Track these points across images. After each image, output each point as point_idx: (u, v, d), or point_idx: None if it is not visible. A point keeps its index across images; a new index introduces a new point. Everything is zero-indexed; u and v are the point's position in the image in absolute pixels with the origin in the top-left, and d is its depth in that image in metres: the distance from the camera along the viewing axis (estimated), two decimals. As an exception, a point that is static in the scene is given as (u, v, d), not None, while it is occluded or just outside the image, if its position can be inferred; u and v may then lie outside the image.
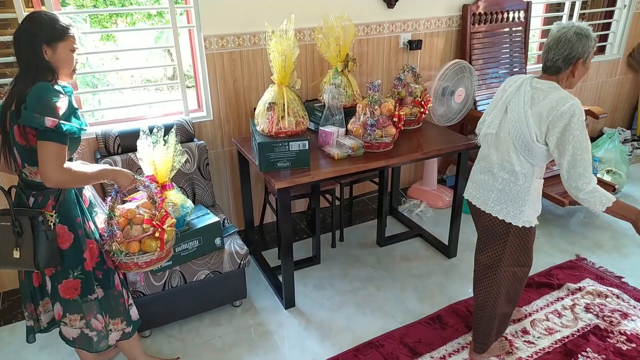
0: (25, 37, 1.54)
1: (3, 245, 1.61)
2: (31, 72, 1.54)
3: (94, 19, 4.52)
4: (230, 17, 2.72)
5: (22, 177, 1.65)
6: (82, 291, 1.74)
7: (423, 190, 3.65)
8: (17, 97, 1.53)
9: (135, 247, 1.75)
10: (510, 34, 3.67)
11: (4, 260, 1.63)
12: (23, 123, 1.49)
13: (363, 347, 2.24)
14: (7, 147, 1.61)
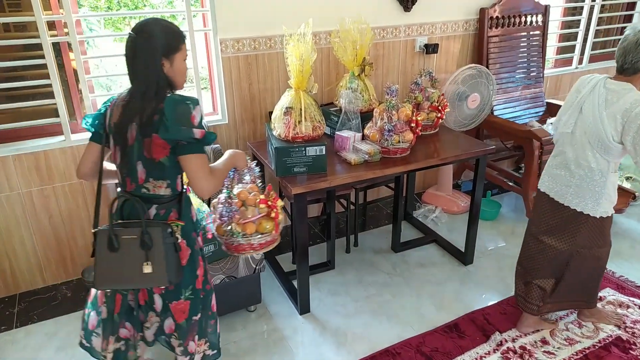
0: (143, 52, 1.46)
1: (130, 261, 1.49)
2: (152, 88, 1.46)
3: (107, 21, 4.55)
4: (247, 21, 2.72)
5: (141, 192, 1.55)
6: (189, 314, 1.66)
7: (438, 195, 3.61)
8: (141, 113, 1.46)
9: (252, 229, 1.75)
10: (527, 38, 3.63)
11: (132, 277, 1.50)
12: (171, 138, 1.44)
13: (379, 355, 2.21)
14: (126, 163, 1.53)
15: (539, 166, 3.23)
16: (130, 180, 1.55)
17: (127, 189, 1.57)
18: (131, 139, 1.50)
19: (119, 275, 1.52)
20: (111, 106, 1.56)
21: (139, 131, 1.47)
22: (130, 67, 1.49)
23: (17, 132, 2.52)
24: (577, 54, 4.14)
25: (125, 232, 1.49)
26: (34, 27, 2.37)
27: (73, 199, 2.64)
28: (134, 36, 1.46)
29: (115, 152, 1.56)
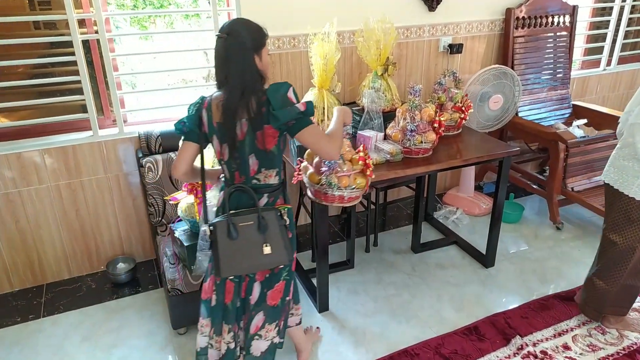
0: (236, 52, 1.53)
1: (251, 244, 1.60)
2: (250, 84, 1.54)
3: (133, 19, 4.63)
4: (271, 20, 2.73)
5: (252, 183, 1.66)
6: (283, 294, 1.79)
7: (459, 196, 3.58)
8: (248, 110, 1.54)
9: (346, 182, 1.92)
10: (554, 39, 3.57)
11: (254, 260, 1.62)
12: (283, 122, 1.54)
13: (397, 356, 2.21)
14: (236, 158, 1.62)
15: (564, 169, 3.18)
16: (240, 174, 1.65)
17: (234, 182, 1.67)
18: (241, 135, 1.58)
19: (241, 261, 1.61)
20: (205, 107, 1.63)
21: (250, 126, 1.56)
22: (223, 67, 1.56)
23: (46, 127, 2.59)
24: (605, 55, 4.05)
25: (241, 220, 1.60)
26: (62, 24, 2.44)
27: (100, 193, 2.71)
28: (225, 38, 1.53)
29: (221, 149, 1.64)
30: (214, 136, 1.65)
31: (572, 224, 3.35)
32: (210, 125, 1.63)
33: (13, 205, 2.55)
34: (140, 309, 2.56)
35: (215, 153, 1.69)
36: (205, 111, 1.63)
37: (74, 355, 2.26)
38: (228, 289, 1.74)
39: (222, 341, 1.81)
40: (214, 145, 1.67)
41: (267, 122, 1.56)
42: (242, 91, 1.54)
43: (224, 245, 1.59)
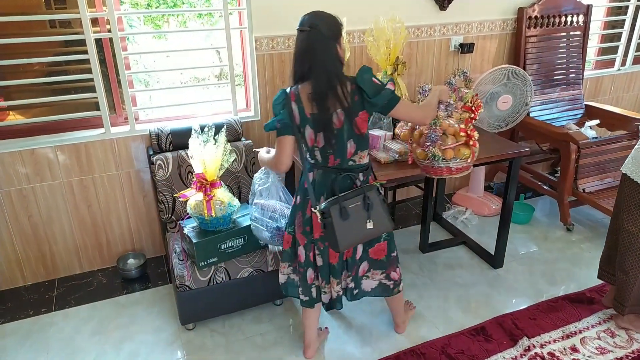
0: (320, 43, 1.65)
1: (357, 221, 1.80)
2: (335, 73, 1.68)
3: (147, 17, 4.68)
4: (282, 19, 2.75)
5: (348, 165, 1.83)
6: (387, 251, 2.05)
7: (469, 197, 3.57)
8: (341, 101, 1.68)
9: (451, 154, 2.05)
10: (567, 38, 3.53)
11: (362, 233, 1.83)
12: (380, 104, 1.73)
13: (404, 355, 2.21)
14: (334, 144, 1.76)
15: (575, 170, 3.15)
16: (335, 157, 1.80)
17: (328, 164, 1.81)
18: (339, 123, 1.72)
19: (352, 236, 1.81)
20: (294, 100, 1.72)
21: (346, 115, 1.71)
22: (306, 59, 1.66)
23: (59, 124, 2.64)
24: (620, 55, 4.00)
25: (350, 203, 1.78)
26: (77, 23, 2.48)
27: (111, 189, 2.74)
28: (307, 31, 1.64)
29: (316, 137, 1.76)
30: (307, 126, 1.75)
31: (583, 226, 3.31)
32: (303, 117, 1.74)
33: (26, 201, 2.60)
34: (149, 305, 2.59)
35: (308, 141, 1.79)
36: (294, 103, 1.73)
37: (84, 348, 2.30)
38: (332, 253, 1.95)
39: (333, 289, 2.06)
40: (307, 134, 1.78)
41: (362, 109, 1.72)
42: (328, 80, 1.66)
43: (339, 226, 1.77)
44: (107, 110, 2.61)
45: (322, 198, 1.86)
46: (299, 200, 1.94)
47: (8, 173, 2.51)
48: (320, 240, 1.93)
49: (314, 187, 1.87)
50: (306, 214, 1.92)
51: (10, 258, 2.68)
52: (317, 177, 1.86)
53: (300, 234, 1.98)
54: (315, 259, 2.00)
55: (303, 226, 1.95)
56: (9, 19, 2.36)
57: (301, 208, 1.93)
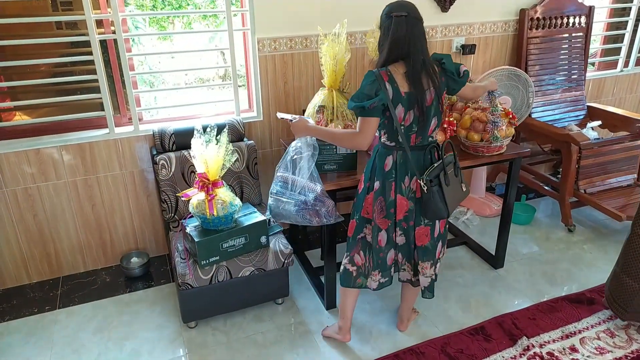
0: (417, 28, 1.78)
1: (456, 186, 1.97)
2: (427, 55, 1.83)
3: (152, 19, 4.72)
4: (284, 21, 2.77)
5: (428, 141, 1.93)
6: (430, 237, 2.07)
7: (470, 197, 3.57)
8: (433, 80, 1.82)
9: (503, 134, 2.40)
10: (569, 40, 3.54)
11: (459, 197, 1.99)
12: (462, 83, 1.95)
13: (403, 354, 2.23)
14: (421, 120, 1.85)
15: (577, 171, 3.15)
16: (417, 136, 1.89)
17: (410, 143, 1.90)
18: (429, 100, 1.84)
19: (453, 201, 1.94)
20: (387, 80, 1.78)
21: (435, 93, 1.84)
22: (406, 42, 1.77)
23: (64, 124, 2.67)
24: (622, 56, 4.00)
25: (448, 169, 1.93)
26: (82, 25, 2.51)
27: (115, 189, 2.78)
28: (405, 16, 1.76)
29: (406, 115, 1.83)
30: (400, 104, 1.81)
31: (584, 227, 3.32)
32: (398, 95, 1.80)
33: (32, 200, 2.63)
34: (152, 303, 2.62)
35: (397, 119, 1.83)
36: (388, 84, 1.79)
37: (87, 346, 2.33)
38: (423, 233, 2.04)
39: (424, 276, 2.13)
40: (396, 113, 1.82)
41: (445, 88, 1.90)
42: (424, 60, 1.79)
43: (446, 192, 1.89)
44: (111, 110, 2.64)
45: (406, 178, 1.94)
46: (378, 186, 1.97)
47: (14, 172, 2.55)
48: (404, 220, 2.00)
49: (395, 168, 1.93)
50: (389, 197, 1.97)
51: (15, 256, 2.72)
52: (398, 159, 1.92)
53: (383, 219, 2.01)
54: (397, 239, 2.06)
55: (387, 209, 1.99)
56: (15, 21, 2.40)
57: (381, 193, 1.98)
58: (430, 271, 2.11)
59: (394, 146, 1.92)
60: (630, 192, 3.25)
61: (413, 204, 1.97)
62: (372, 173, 2.00)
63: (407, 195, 1.96)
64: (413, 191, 1.95)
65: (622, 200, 3.13)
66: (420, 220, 2.01)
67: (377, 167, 1.97)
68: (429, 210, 1.92)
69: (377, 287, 2.17)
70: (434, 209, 1.90)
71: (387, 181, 1.96)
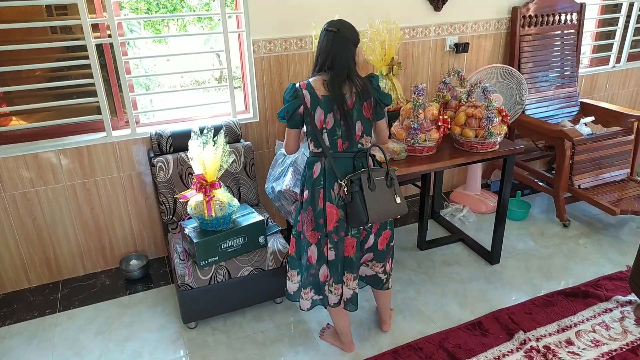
0: (345, 44, 1.86)
1: (385, 196, 1.91)
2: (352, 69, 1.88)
3: (147, 23, 4.73)
4: (278, 22, 2.80)
5: (358, 147, 1.94)
6: (389, 240, 2.12)
7: (466, 194, 3.61)
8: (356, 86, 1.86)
9: (497, 131, 2.46)
10: (561, 37, 3.57)
11: (389, 208, 1.92)
12: (384, 101, 1.94)
13: (402, 350, 2.25)
14: (343, 125, 1.88)
15: (570, 167, 3.19)
16: (343, 141, 1.90)
17: (337, 149, 1.91)
18: (350, 104, 1.87)
19: (380, 209, 1.89)
20: (305, 88, 1.86)
21: (357, 97, 1.87)
22: (331, 54, 1.85)
23: (62, 128, 2.69)
24: (614, 52, 4.04)
25: (376, 175, 1.90)
26: (78, 29, 2.53)
27: (113, 192, 2.79)
28: (334, 32, 1.85)
29: (325, 118, 1.87)
30: (318, 107, 1.86)
31: (579, 221, 3.35)
32: (314, 99, 1.86)
33: (30, 204, 2.65)
34: (152, 305, 2.64)
35: (317, 123, 1.88)
36: (305, 91, 1.86)
37: (88, 348, 2.35)
38: (349, 244, 2.02)
39: (347, 287, 2.11)
40: (316, 117, 1.87)
41: (370, 97, 1.89)
42: (348, 74, 1.86)
43: (368, 195, 1.86)
44: (108, 114, 2.66)
45: (335, 185, 1.93)
46: (308, 195, 1.98)
47: (12, 177, 2.57)
48: (335, 232, 1.97)
49: (324, 175, 1.93)
50: (318, 206, 1.96)
51: (15, 261, 2.73)
52: (326, 165, 1.93)
53: (312, 231, 2.00)
54: (328, 253, 2.03)
55: (315, 220, 1.98)
56: (11, 26, 2.41)
57: (311, 202, 1.97)
58: (353, 284, 2.09)
59: (321, 152, 1.93)
60: (624, 186, 3.28)
61: (343, 212, 1.95)
62: (303, 184, 2.02)
63: (336, 202, 1.94)
64: (342, 198, 1.93)
65: (616, 195, 3.16)
66: (348, 230, 1.99)
67: (307, 176, 1.98)
68: (349, 213, 1.91)
69: (309, 306, 2.18)
70: (353, 213, 1.89)
71: (316, 189, 1.95)
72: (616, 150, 3.30)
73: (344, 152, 1.92)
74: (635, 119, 3.34)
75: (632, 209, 2.99)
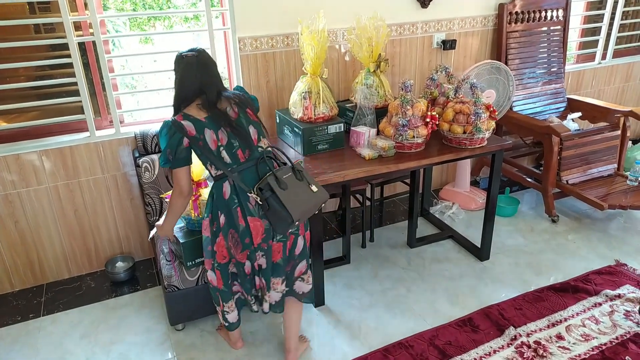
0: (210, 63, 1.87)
1: (300, 190, 1.85)
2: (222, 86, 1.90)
3: (133, 22, 4.68)
4: (264, 19, 2.77)
5: (259, 151, 1.89)
6: (305, 242, 2.07)
7: (455, 191, 3.60)
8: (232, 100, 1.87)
9: (485, 126, 2.45)
10: (548, 33, 3.59)
11: (310, 200, 1.86)
12: (256, 106, 1.98)
13: (392, 348, 2.23)
14: (236, 134, 1.83)
15: (558, 162, 3.20)
16: (243, 150, 1.85)
17: (240, 161, 1.85)
18: (234, 115, 1.85)
19: (301, 205, 1.82)
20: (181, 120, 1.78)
21: (239, 107, 1.87)
22: (199, 76, 1.81)
23: (44, 128, 2.63)
24: (600, 49, 4.06)
25: (282, 174, 1.84)
26: (61, 28, 2.48)
27: (97, 193, 2.74)
28: (195, 56, 1.82)
29: (218, 135, 1.80)
30: (205, 129, 1.78)
31: (567, 217, 3.36)
32: (198, 124, 1.78)
33: (12, 207, 2.59)
34: (138, 307, 2.59)
35: (211, 145, 1.80)
36: (184, 122, 1.78)
37: (73, 352, 2.30)
38: (276, 249, 1.95)
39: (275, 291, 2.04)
40: (208, 139, 1.79)
41: (249, 103, 1.90)
42: (218, 91, 1.84)
43: (283, 195, 1.78)
44: (91, 113, 2.61)
45: (250, 197, 1.83)
46: (224, 219, 1.87)
47: (-7, 179, 2.51)
48: (263, 241, 1.90)
49: (236, 193, 1.84)
50: (240, 225, 1.86)
51: (-3, 264, 2.68)
52: (235, 181, 1.83)
53: (241, 253, 1.92)
54: (260, 261, 1.95)
55: (241, 241, 1.89)
56: (-10, 25, 2.36)
57: (231, 225, 1.87)
58: (281, 287, 2.03)
59: (223, 173, 1.84)
60: (611, 181, 3.30)
61: (268, 221, 1.86)
62: (213, 210, 1.90)
63: (258, 214, 1.85)
64: (261, 208, 1.84)
65: (604, 190, 3.18)
66: (274, 236, 1.92)
67: (217, 199, 1.88)
68: (273, 221, 1.83)
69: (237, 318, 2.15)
70: (276, 218, 1.80)
71: (232, 209, 1.85)
72: (603, 146, 3.31)
73: (246, 161, 1.85)
74: (621, 114, 3.37)
75: (619, 203, 3.00)
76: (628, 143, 3.53)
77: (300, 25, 2.48)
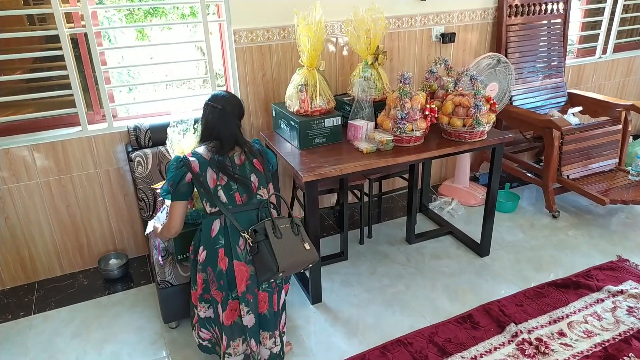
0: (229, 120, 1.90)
1: (294, 243, 1.83)
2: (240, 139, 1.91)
3: (129, 18, 4.61)
4: (260, 11, 2.71)
5: (257, 198, 1.89)
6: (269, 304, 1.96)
7: (455, 187, 3.56)
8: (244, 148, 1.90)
9: (485, 119, 2.42)
10: (548, 27, 3.54)
11: (300, 256, 1.83)
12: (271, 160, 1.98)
13: (391, 345, 2.19)
14: (237, 179, 1.85)
15: (559, 157, 3.15)
16: (240, 194, 1.85)
17: (236, 204, 1.84)
18: (240, 161, 1.88)
19: (290, 257, 1.79)
20: (190, 157, 1.83)
21: (247, 157, 1.89)
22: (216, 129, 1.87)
23: (36, 122, 2.58)
24: (600, 43, 4.01)
25: (281, 223, 1.83)
26: (53, 19, 2.42)
27: (90, 188, 2.69)
28: (220, 109, 1.88)
29: (219, 176, 1.83)
30: (208, 168, 1.82)
31: (568, 212, 3.31)
32: (203, 162, 1.82)
33: (2, 202, 2.53)
34: (132, 305, 2.54)
35: (210, 183, 1.82)
36: (192, 158, 1.83)
37: (64, 351, 2.25)
38: (262, 299, 1.90)
39: (264, 347, 1.99)
40: (208, 177, 1.82)
41: (258, 155, 1.92)
42: (236, 141, 1.89)
43: (275, 243, 1.77)
44: (84, 107, 2.56)
45: (240, 240, 1.82)
46: (205, 255, 1.85)
47: (-18, 174, 2.45)
48: (248, 291, 1.84)
49: (224, 233, 1.83)
50: (217, 267, 1.83)
51: (-13, 261, 2.62)
52: (227, 222, 1.83)
53: (216, 290, 1.87)
54: (244, 318, 1.87)
55: (217, 281, 1.84)
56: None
57: (210, 262, 1.85)
58: (269, 343, 1.97)
59: (218, 211, 1.84)
60: (612, 176, 3.25)
61: (253, 268, 1.83)
62: (196, 244, 1.92)
63: (244, 259, 1.82)
64: (250, 252, 1.82)
65: (605, 185, 3.13)
66: (259, 285, 1.88)
67: (203, 235, 1.87)
68: (258, 266, 1.80)
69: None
70: (262, 263, 1.77)
71: (214, 249, 1.83)
72: (604, 140, 3.27)
73: (244, 205, 1.86)
74: (623, 109, 3.32)
75: (621, 198, 2.96)
76: (629, 137, 3.49)
77: (297, 16, 2.43)
